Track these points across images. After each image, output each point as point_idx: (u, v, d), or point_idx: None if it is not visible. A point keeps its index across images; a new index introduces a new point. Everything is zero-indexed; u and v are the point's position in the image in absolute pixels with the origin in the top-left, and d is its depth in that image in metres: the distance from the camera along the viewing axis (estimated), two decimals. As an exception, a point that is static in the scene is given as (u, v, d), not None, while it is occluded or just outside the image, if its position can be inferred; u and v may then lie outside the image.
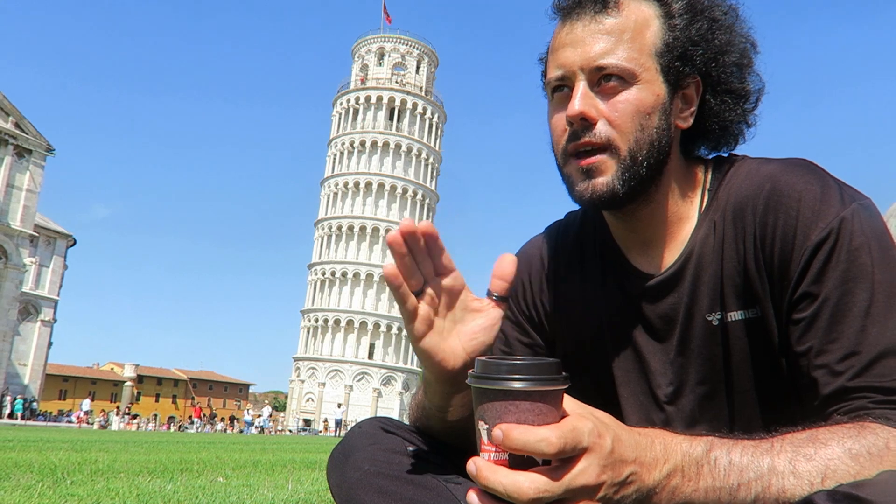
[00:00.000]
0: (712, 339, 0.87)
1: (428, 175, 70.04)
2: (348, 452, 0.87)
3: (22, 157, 37.46)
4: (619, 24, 0.84)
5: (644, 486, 0.62)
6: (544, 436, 0.56)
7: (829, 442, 0.65)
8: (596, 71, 0.83)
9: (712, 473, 0.64)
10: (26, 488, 3.37)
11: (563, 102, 0.87)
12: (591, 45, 0.83)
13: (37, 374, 42.53)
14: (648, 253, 0.93)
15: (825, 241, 0.77)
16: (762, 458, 0.65)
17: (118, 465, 5.36)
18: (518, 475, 0.56)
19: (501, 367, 0.58)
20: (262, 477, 4.79)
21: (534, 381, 0.57)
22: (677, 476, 0.63)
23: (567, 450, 0.56)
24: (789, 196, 0.80)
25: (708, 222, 0.89)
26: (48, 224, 44.34)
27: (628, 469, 0.61)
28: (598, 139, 0.83)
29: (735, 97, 0.90)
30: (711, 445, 0.65)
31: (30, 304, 41.99)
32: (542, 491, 0.56)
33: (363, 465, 0.83)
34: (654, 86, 0.84)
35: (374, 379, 63.75)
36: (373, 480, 0.81)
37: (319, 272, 66.70)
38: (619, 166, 0.84)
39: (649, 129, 0.84)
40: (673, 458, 0.64)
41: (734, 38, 0.89)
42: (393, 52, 71.66)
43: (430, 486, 0.81)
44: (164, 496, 3.28)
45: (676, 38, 0.85)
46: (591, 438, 0.58)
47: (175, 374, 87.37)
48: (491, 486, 0.56)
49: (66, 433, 17.13)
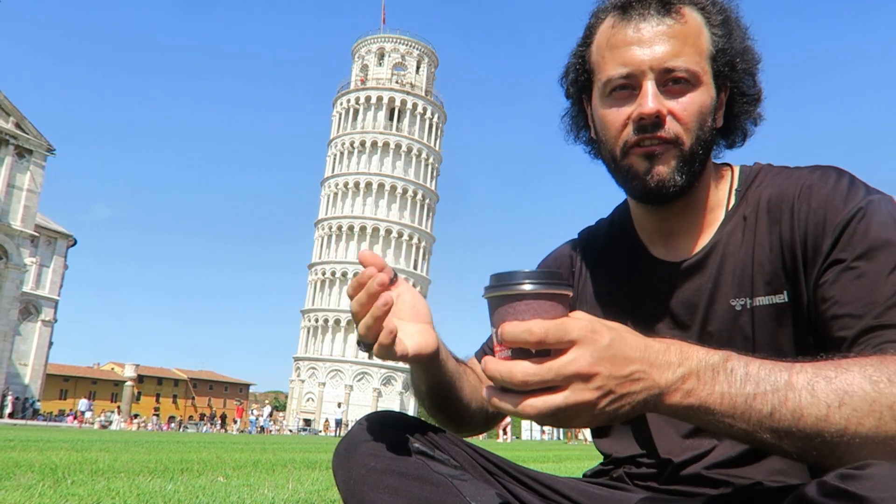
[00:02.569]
0: (735, 324, 0.91)
1: (428, 175, 70.01)
2: (352, 449, 0.87)
3: (22, 158, 37.47)
4: (683, 29, 0.88)
5: (654, 384, 0.63)
6: (528, 326, 0.61)
7: (850, 368, 0.65)
8: (665, 72, 0.87)
9: (728, 380, 0.64)
10: (27, 488, 3.37)
11: (624, 99, 0.90)
12: (660, 45, 0.87)
13: (37, 374, 42.54)
14: (673, 244, 0.98)
15: (854, 217, 0.81)
16: (780, 373, 0.65)
17: (118, 464, 5.36)
18: (512, 363, 0.62)
19: (505, 275, 0.65)
20: (263, 477, 4.78)
21: (534, 285, 0.64)
22: (692, 379, 0.64)
23: (550, 340, 0.61)
24: (821, 187, 0.86)
25: (737, 218, 0.94)
26: (49, 224, 44.34)
27: (632, 366, 0.63)
28: (668, 135, 0.88)
29: (749, 99, 0.96)
30: (729, 356, 0.66)
31: (30, 304, 42.00)
32: (529, 374, 0.61)
33: (368, 462, 0.84)
34: (710, 88, 0.90)
35: (374, 379, 63.72)
36: (378, 477, 0.82)
37: (319, 272, 66.67)
38: (680, 160, 0.89)
39: (706, 129, 0.90)
40: (688, 362, 0.65)
41: (750, 46, 0.95)
42: (393, 52, 71.63)
43: (435, 482, 0.82)
44: (164, 496, 3.28)
45: (724, 46, 0.91)
46: (581, 332, 0.61)
47: (175, 374, 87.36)
48: (490, 374, 0.63)
49: (66, 433, 17.13)
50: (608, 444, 1.04)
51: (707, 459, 0.91)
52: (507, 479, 0.92)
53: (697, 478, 0.91)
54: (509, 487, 0.90)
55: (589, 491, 0.96)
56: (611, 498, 0.95)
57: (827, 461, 0.64)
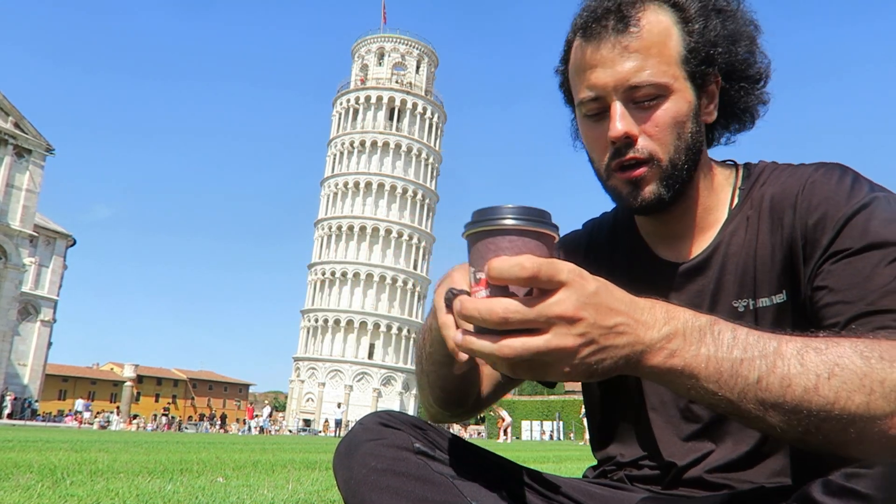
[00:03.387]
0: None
1: (428, 175, 70.02)
2: (353, 449, 0.87)
3: (22, 157, 37.45)
4: (643, 41, 0.85)
5: (638, 340, 0.61)
6: (518, 261, 0.57)
7: (841, 343, 0.63)
8: (630, 89, 0.85)
9: (715, 343, 0.62)
10: (26, 488, 3.36)
11: (598, 122, 0.89)
12: (620, 64, 0.85)
13: (36, 375, 42.51)
14: (676, 246, 0.96)
15: (856, 213, 0.79)
16: (769, 341, 0.63)
17: (118, 465, 5.35)
18: (492, 300, 0.58)
19: (489, 210, 0.60)
20: (262, 477, 4.78)
21: (518, 220, 0.59)
22: (678, 338, 0.62)
23: (542, 277, 0.57)
24: (824, 184, 0.84)
25: (740, 218, 0.92)
26: (48, 224, 44.33)
27: (617, 318, 0.60)
28: (641, 154, 0.86)
29: (751, 80, 0.93)
30: (716, 321, 0.64)
31: (29, 304, 41.98)
32: (512, 311, 0.57)
33: (369, 462, 0.83)
34: (685, 93, 0.87)
35: (374, 379, 63.72)
36: (379, 477, 0.81)
37: (319, 272, 66.67)
38: (661, 175, 0.87)
39: (685, 136, 0.87)
40: (674, 321, 0.63)
41: (740, 25, 0.91)
42: (393, 51, 71.64)
43: (436, 483, 0.81)
44: (163, 496, 3.27)
45: (697, 43, 0.87)
46: (570, 276, 0.58)
47: (175, 374, 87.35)
48: (468, 314, 0.59)
49: (65, 433, 17.13)
50: (610, 449, 1.03)
51: (707, 462, 0.90)
52: (508, 479, 0.91)
53: (699, 481, 0.90)
54: (510, 487, 0.89)
55: (591, 491, 0.95)
56: (613, 498, 0.94)
57: (812, 439, 0.61)
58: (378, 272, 65.21)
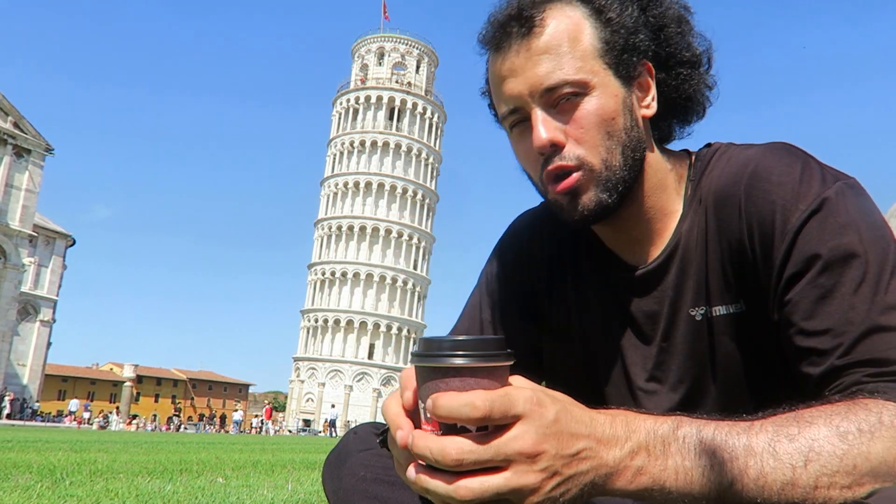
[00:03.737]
0: (696, 335, 0.84)
1: (428, 175, 70.04)
2: (343, 458, 0.86)
3: (21, 157, 37.45)
4: (551, 40, 0.80)
5: (602, 463, 0.57)
6: (469, 399, 0.53)
7: (814, 421, 0.60)
8: (546, 93, 0.79)
9: (681, 452, 0.58)
10: (25, 489, 3.36)
11: (524, 133, 0.84)
12: (531, 69, 0.80)
13: (36, 375, 42.51)
14: (636, 250, 0.90)
15: (808, 220, 0.73)
16: (738, 437, 0.59)
17: (117, 465, 5.35)
18: (445, 438, 0.54)
19: (442, 343, 0.56)
20: (262, 477, 4.78)
21: (472, 357, 0.55)
22: (641, 455, 0.58)
23: (495, 415, 0.53)
24: (768, 181, 0.77)
25: (692, 213, 0.86)
26: (47, 224, 44.33)
27: (580, 443, 0.56)
28: (569, 161, 0.80)
29: (688, 66, 0.88)
30: (679, 423, 0.60)
31: (29, 304, 41.97)
32: (465, 452, 0.53)
33: (358, 471, 0.82)
34: (609, 88, 0.81)
35: (373, 379, 63.74)
36: (368, 486, 0.80)
37: (319, 272, 66.70)
38: (597, 179, 0.81)
39: (617, 133, 0.81)
40: (636, 435, 0.59)
41: (666, 9, 0.86)
42: (393, 51, 71.69)
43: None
44: (163, 496, 3.27)
45: (614, 32, 0.82)
46: (527, 406, 0.55)
47: (174, 375, 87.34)
48: (420, 453, 0.55)
49: (65, 433, 17.13)
50: None
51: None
52: None
53: None
54: None
55: None
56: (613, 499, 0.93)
57: None
58: (378, 272, 65.22)
